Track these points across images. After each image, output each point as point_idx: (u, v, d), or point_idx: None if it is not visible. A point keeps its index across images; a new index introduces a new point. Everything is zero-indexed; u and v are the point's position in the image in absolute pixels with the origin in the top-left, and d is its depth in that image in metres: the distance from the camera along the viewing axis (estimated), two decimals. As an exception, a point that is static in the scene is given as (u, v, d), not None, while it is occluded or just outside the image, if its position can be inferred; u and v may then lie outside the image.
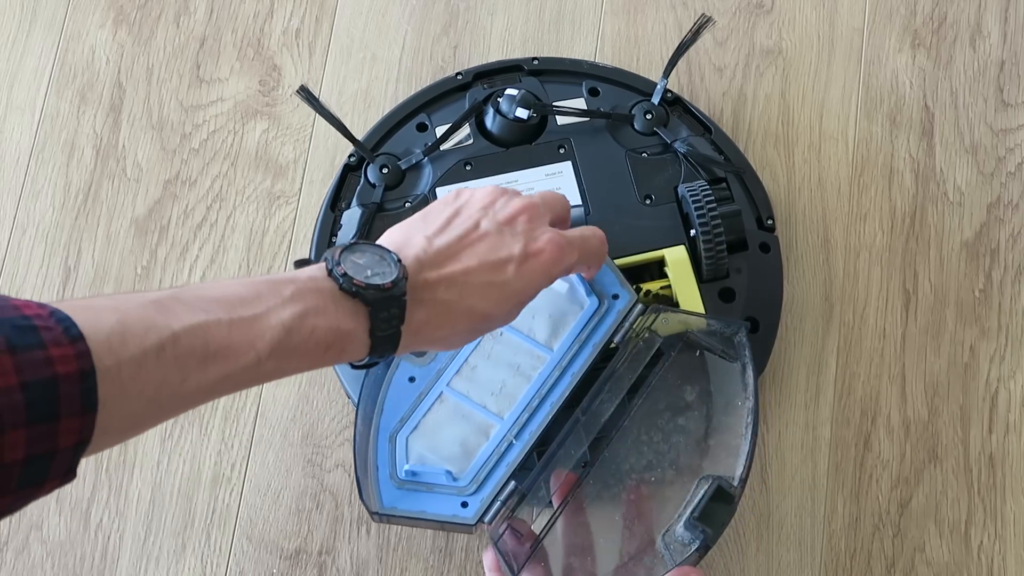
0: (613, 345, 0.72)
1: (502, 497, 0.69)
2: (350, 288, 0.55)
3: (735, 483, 0.65)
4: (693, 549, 0.64)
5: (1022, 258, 0.85)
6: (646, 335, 0.72)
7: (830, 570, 0.78)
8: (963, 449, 0.81)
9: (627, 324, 0.72)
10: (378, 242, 0.60)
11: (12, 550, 0.78)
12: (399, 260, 0.57)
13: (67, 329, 0.46)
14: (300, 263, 0.56)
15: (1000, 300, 0.84)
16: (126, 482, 0.79)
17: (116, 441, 0.50)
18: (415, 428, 0.71)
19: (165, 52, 0.89)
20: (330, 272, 0.56)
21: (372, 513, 0.69)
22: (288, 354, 0.53)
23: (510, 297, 0.60)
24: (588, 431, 0.70)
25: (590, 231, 0.66)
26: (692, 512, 0.64)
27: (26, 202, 0.85)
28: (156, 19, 0.89)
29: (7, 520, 0.78)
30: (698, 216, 0.76)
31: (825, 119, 0.88)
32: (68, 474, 0.48)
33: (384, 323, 0.56)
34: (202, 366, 0.50)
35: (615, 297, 0.73)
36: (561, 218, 0.66)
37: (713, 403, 0.70)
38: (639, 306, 0.73)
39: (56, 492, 0.77)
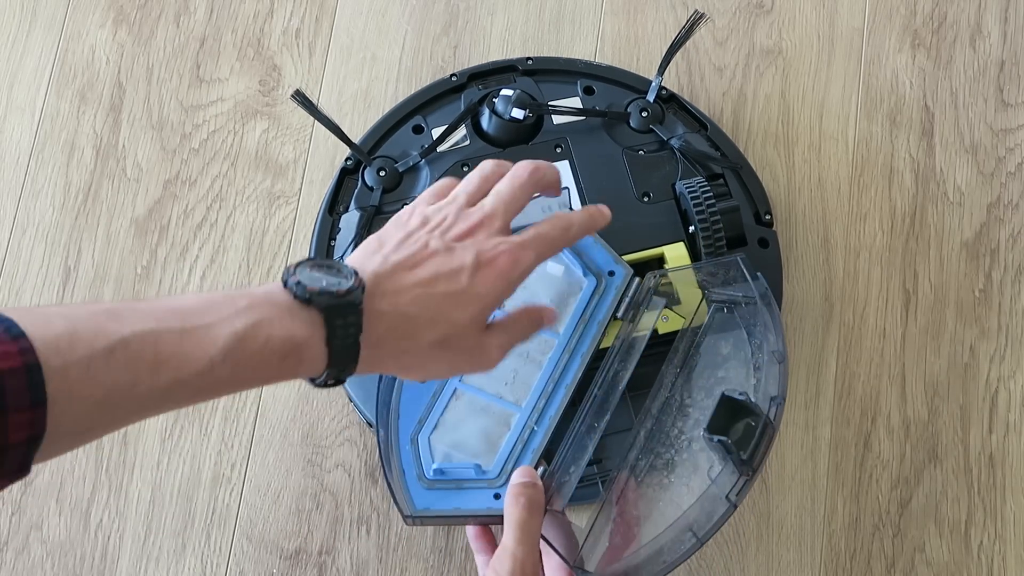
0: (619, 318, 0.73)
1: None
2: (304, 296, 0.55)
3: (759, 400, 0.64)
4: (730, 466, 0.63)
5: (1022, 258, 0.84)
6: (652, 299, 0.73)
7: (830, 570, 0.78)
8: (963, 449, 0.81)
9: (628, 298, 0.73)
10: None
11: (12, 550, 0.78)
12: (356, 272, 0.57)
13: (8, 328, 0.47)
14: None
15: (1000, 300, 0.84)
16: (126, 482, 0.79)
17: (72, 443, 0.51)
18: (435, 427, 0.71)
19: (165, 52, 0.89)
20: (285, 283, 0.56)
21: (406, 517, 0.69)
22: (242, 362, 0.54)
23: (472, 302, 0.60)
24: (597, 416, 0.70)
25: (546, 219, 0.65)
26: (705, 429, 0.64)
27: (26, 202, 0.85)
28: (156, 19, 0.89)
29: (7, 520, 0.78)
30: (697, 213, 0.76)
31: (825, 119, 0.88)
32: (21, 470, 0.48)
33: (341, 331, 0.56)
34: (153, 371, 0.51)
35: (611, 274, 0.74)
36: (541, 191, 0.65)
37: (748, 346, 0.70)
38: (636, 279, 0.73)
39: (56, 492, 0.78)
